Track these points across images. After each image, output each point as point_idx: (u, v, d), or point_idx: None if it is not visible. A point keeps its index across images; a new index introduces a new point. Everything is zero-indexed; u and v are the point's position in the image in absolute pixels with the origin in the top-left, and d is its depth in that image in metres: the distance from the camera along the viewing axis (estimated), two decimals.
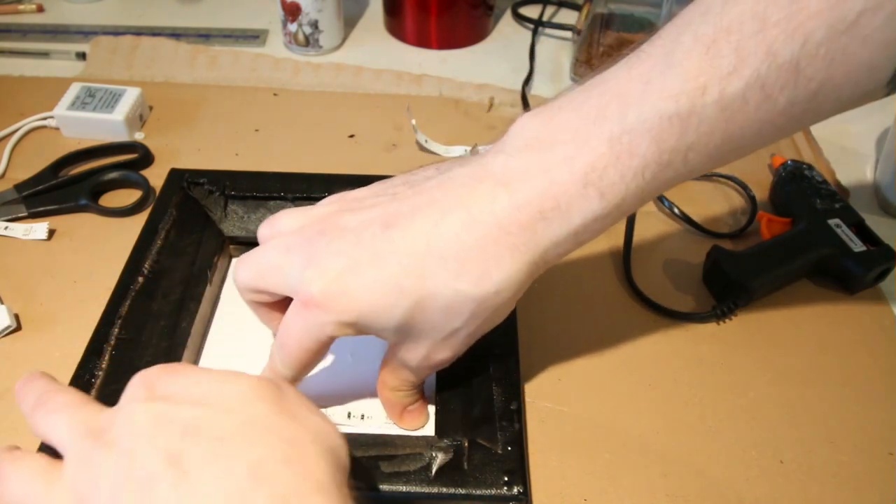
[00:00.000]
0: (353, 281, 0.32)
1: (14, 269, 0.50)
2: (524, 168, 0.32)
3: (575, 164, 0.31)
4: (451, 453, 0.37)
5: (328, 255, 0.33)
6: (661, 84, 0.30)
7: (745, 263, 0.49)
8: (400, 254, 0.32)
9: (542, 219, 0.32)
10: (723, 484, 0.40)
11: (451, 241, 0.32)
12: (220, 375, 0.29)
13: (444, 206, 0.33)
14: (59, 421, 0.30)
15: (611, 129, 0.31)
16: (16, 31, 0.74)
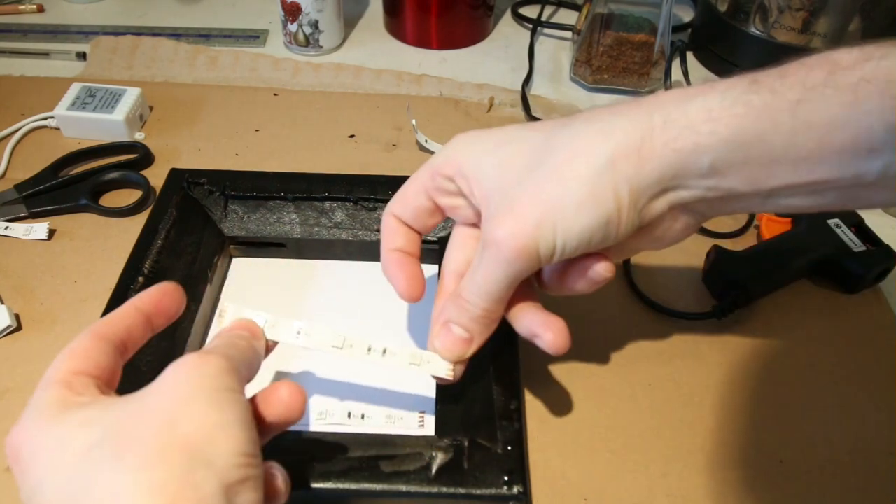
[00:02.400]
0: (486, 134, 0.35)
1: (14, 269, 0.50)
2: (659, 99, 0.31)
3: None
4: (451, 453, 0.37)
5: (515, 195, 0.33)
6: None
7: (745, 263, 0.49)
8: (533, 126, 0.34)
9: (678, 91, 0.31)
10: (723, 484, 0.40)
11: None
12: (66, 426, 0.26)
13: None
14: None
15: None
16: (16, 31, 0.74)
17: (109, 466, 0.24)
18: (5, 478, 0.39)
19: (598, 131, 0.31)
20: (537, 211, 0.31)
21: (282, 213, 0.50)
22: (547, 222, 0.31)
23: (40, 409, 0.27)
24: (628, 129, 0.30)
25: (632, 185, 0.30)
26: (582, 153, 0.30)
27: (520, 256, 0.31)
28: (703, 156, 0.29)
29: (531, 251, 0.31)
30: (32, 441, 0.26)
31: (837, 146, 0.28)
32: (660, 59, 0.67)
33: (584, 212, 0.30)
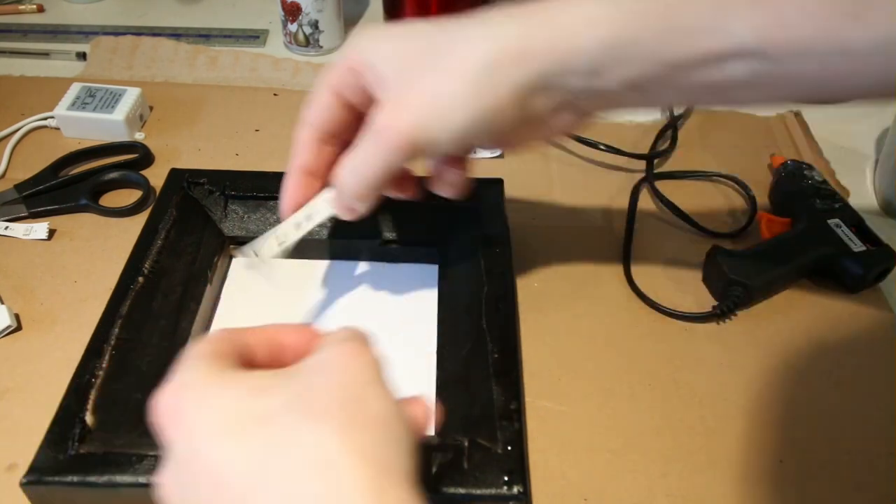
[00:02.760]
0: (387, 29, 0.35)
1: (14, 269, 0.50)
2: None
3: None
4: (451, 453, 0.36)
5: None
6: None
7: (745, 263, 0.49)
8: (432, 21, 0.34)
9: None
10: (723, 484, 0.40)
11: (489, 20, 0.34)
12: (233, 387, 0.26)
13: None
14: None
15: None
16: (16, 31, 0.74)
17: (308, 430, 0.24)
18: (5, 477, 0.39)
19: (486, 34, 0.32)
20: (422, 104, 0.33)
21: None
22: (430, 116, 0.33)
23: (197, 372, 0.27)
24: (514, 33, 0.32)
25: (513, 82, 0.32)
26: (469, 53, 0.32)
27: (399, 146, 0.33)
28: (582, 57, 0.31)
29: (411, 142, 0.33)
30: (199, 400, 0.26)
31: (705, 50, 0.30)
32: None
33: (465, 107, 0.32)
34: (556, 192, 0.57)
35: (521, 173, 0.58)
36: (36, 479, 0.34)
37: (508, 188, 0.51)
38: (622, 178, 0.59)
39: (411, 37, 0.34)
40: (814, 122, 0.65)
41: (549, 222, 0.55)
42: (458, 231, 0.48)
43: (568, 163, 0.61)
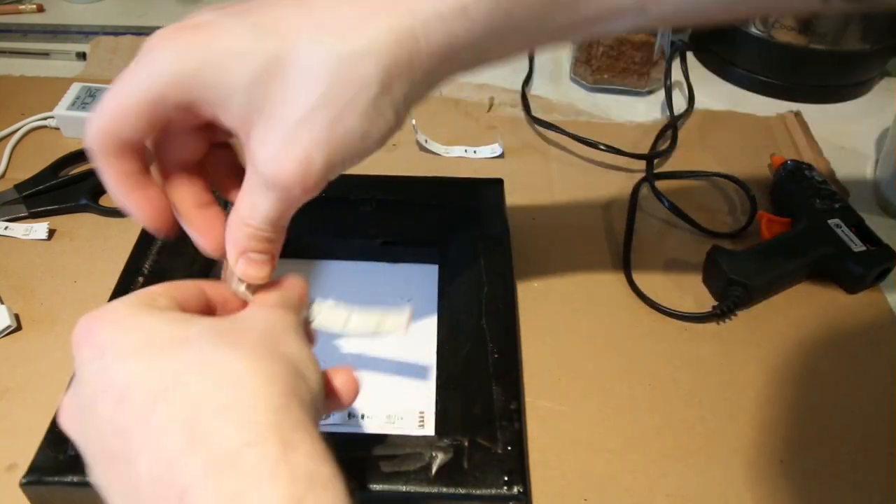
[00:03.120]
0: (210, 25, 0.28)
1: (14, 269, 0.50)
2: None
3: None
4: (451, 453, 0.37)
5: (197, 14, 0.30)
6: None
7: (745, 263, 0.49)
8: (271, 5, 0.28)
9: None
10: (723, 484, 0.40)
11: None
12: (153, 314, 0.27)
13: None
14: None
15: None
16: (16, 31, 0.74)
17: (222, 353, 0.25)
18: (5, 477, 0.39)
19: (365, 50, 0.27)
20: (321, 152, 0.28)
21: None
22: (335, 158, 0.29)
23: (123, 303, 0.27)
24: (395, 49, 0.28)
25: (406, 97, 0.29)
26: (349, 80, 0.27)
27: (308, 194, 0.30)
28: (465, 51, 0.30)
29: (319, 187, 0.29)
30: (117, 324, 0.26)
31: (587, 15, 0.30)
32: (660, 59, 0.67)
33: (368, 139, 0.29)
34: (556, 192, 0.57)
35: (521, 173, 0.58)
36: (36, 479, 0.34)
37: (508, 188, 0.51)
38: (622, 178, 0.59)
39: (252, 49, 0.27)
40: (814, 122, 0.65)
41: (549, 222, 0.55)
42: (458, 231, 0.48)
43: (568, 163, 0.61)
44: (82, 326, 0.27)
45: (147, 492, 0.23)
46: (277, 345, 0.27)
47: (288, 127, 0.28)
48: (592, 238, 0.54)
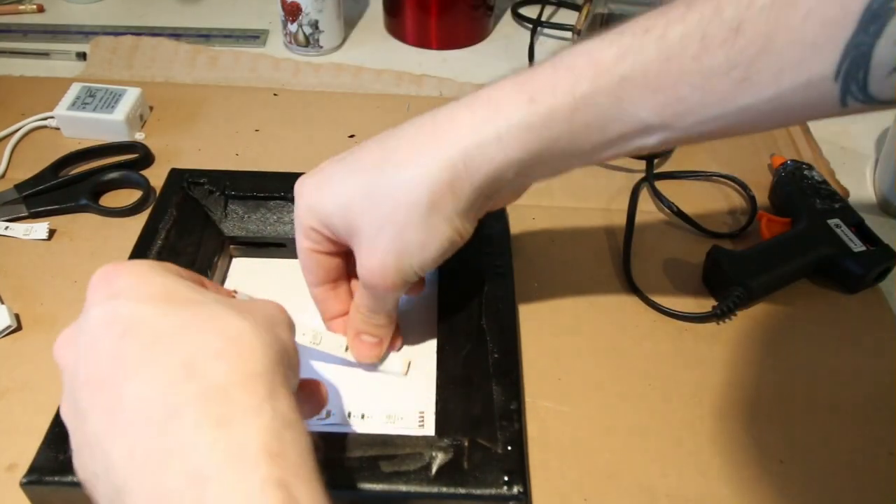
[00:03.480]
0: (323, 174, 0.37)
1: (14, 269, 0.50)
2: (482, 90, 0.35)
3: (518, 76, 0.34)
4: (451, 453, 0.37)
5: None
6: (616, 29, 0.33)
7: (745, 263, 0.49)
8: (359, 152, 0.37)
9: (470, 112, 0.34)
10: (723, 484, 0.40)
11: (396, 137, 0.36)
12: (179, 280, 0.30)
13: (411, 127, 0.36)
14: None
15: (560, 56, 0.34)
16: (16, 31, 0.74)
17: (229, 315, 0.28)
18: (5, 477, 0.39)
19: (414, 177, 0.34)
20: (392, 258, 0.36)
21: (282, 213, 0.50)
22: (404, 264, 0.36)
23: (146, 261, 0.31)
24: (438, 175, 0.34)
25: (458, 212, 0.35)
26: (405, 203, 0.35)
27: (391, 292, 0.38)
28: (507, 171, 0.34)
29: (399, 286, 0.38)
30: (137, 275, 0.29)
31: (615, 135, 0.33)
32: None
33: (429, 248, 0.36)
34: (556, 192, 0.57)
35: None
36: (36, 479, 0.34)
37: None
38: (622, 178, 0.59)
39: (347, 185, 0.36)
40: (814, 122, 0.65)
41: (549, 222, 0.55)
42: None
43: None
44: (103, 271, 0.30)
45: (132, 410, 0.25)
46: (277, 329, 0.30)
47: (368, 242, 0.36)
48: (592, 238, 0.54)
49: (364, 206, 0.36)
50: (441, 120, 0.35)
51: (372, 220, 0.36)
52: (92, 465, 0.26)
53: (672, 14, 0.31)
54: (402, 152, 0.35)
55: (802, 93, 0.29)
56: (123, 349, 0.27)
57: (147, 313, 0.28)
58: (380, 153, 0.36)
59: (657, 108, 0.32)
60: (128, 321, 0.28)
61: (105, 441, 0.26)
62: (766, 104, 0.30)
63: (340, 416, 0.41)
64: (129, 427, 0.25)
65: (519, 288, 0.46)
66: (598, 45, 0.33)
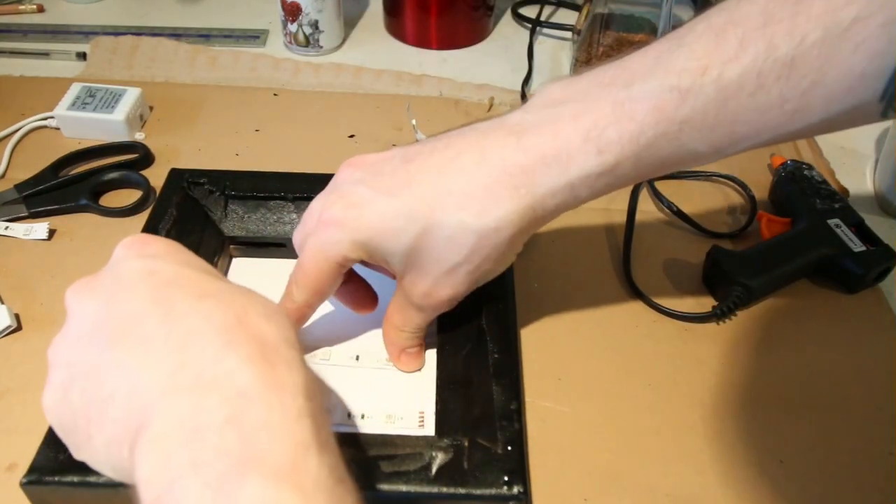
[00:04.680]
0: (370, 205, 0.36)
1: (14, 269, 0.50)
2: (537, 121, 0.36)
3: (580, 120, 0.34)
4: (451, 453, 0.37)
5: (350, 184, 0.37)
6: (669, 61, 0.33)
7: (745, 263, 0.49)
8: (413, 184, 0.36)
9: (543, 165, 0.35)
10: (723, 484, 0.40)
11: (460, 176, 0.35)
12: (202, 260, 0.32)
13: (459, 147, 0.36)
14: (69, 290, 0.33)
15: (616, 94, 0.34)
16: (16, 31, 0.74)
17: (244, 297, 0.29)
18: (5, 477, 0.39)
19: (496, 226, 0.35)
20: (463, 289, 0.38)
21: (282, 213, 0.50)
22: (470, 289, 0.38)
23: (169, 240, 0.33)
24: (519, 223, 0.36)
25: (524, 242, 0.38)
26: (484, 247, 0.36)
27: (439, 311, 0.40)
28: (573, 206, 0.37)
29: (450, 306, 0.40)
30: (175, 246, 0.32)
31: (671, 165, 0.36)
32: None
33: (496, 272, 0.38)
34: None
35: None
36: (36, 479, 0.34)
37: None
38: None
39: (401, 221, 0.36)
40: None
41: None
42: None
43: None
44: (132, 238, 0.32)
45: (177, 340, 0.27)
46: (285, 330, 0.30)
47: (439, 275, 0.37)
48: (592, 238, 0.54)
49: (434, 245, 0.36)
50: (514, 170, 0.35)
51: (442, 259, 0.36)
52: (101, 391, 0.27)
53: (726, 51, 0.32)
54: (474, 197, 0.35)
55: (849, 115, 0.32)
56: (171, 294, 0.28)
57: (189, 274, 0.30)
58: (444, 189, 0.36)
59: (714, 142, 0.34)
60: (170, 276, 0.29)
61: (132, 366, 0.27)
62: (813, 128, 0.33)
63: (340, 416, 0.41)
64: (172, 354, 0.27)
65: (519, 288, 0.46)
66: (657, 87, 0.33)
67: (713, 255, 0.50)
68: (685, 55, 0.33)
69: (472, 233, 0.35)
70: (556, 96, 0.36)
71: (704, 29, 0.33)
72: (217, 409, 0.25)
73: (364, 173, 0.38)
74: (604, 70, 0.36)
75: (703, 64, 0.32)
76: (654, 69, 0.33)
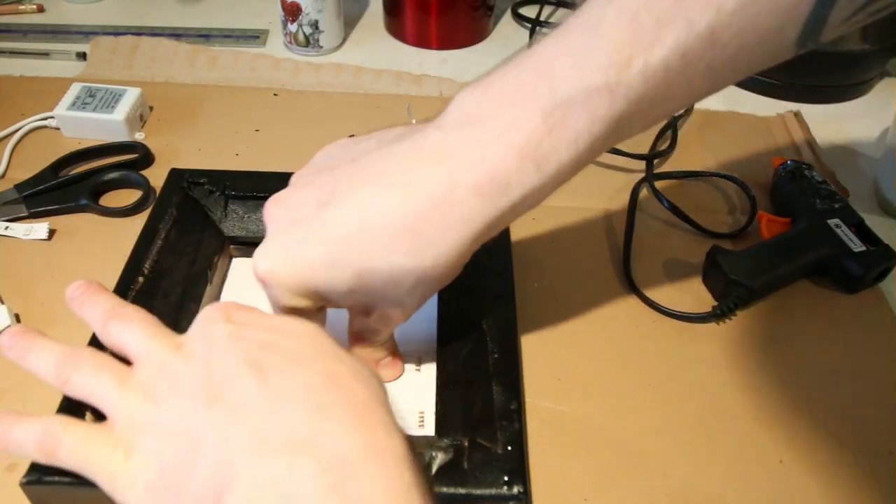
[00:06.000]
0: (296, 256, 0.34)
1: (14, 269, 0.50)
2: (460, 145, 0.32)
3: (509, 138, 0.32)
4: (451, 453, 0.36)
5: (273, 235, 0.36)
6: (588, 57, 0.31)
7: (745, 263, 0.49)
8: (336, 229, 0.34)
9: (479, 195, 0.32)
10: (723, 484, 0.40)
11: (385, 217, 0.33)
12: (286, 318, 0.32)
13: (379, 181, 0.33)
14: (137, 332, 0.33)
15: (543, 104, 0.31)
16: (16, 31, 0.74)
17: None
18: (5, 477, 0.39)
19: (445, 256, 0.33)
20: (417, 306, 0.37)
21: None
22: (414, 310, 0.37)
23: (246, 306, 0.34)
24: (470, 245, 0.33)
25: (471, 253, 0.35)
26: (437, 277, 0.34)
27: (396, 326, 0.39)
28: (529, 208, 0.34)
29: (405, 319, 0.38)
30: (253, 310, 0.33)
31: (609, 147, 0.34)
32: None
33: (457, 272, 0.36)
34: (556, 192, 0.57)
35: None
36: (36, 479, 0.34)
37: None
38: (622, 178, 0.59)
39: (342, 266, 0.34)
40: (814, 122, 0.65)
41: (549, 222, 0.55)
42: None
43: None
44: (223, 303, 0.33)
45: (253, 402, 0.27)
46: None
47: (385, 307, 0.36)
48: (592, 238, 0.54)
49: (373, 285, 0.34)
50: (446, 208, 0.32)
51: (387, 294, 0.35)
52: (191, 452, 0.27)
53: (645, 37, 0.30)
54: (405, 239, 0.33)
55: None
56: (264, 358, 0.29)
57: (278, 339, 0.30)
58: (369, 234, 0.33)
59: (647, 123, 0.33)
60: (262, 340, 0.30)
61: (221, 426, 0.27)
62: (736, 77, 0.33)
63: None
64: (261, 414, 0.27)
65: (519, 288, 0.46)
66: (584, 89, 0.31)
67: (713, 255, 0.50)
68: (604, 47, 0.31)
69: (409, 273, 0.33)
70: (475, 110, 0.33)
71: (616, 15, 0.31)
72: (315, 475, 0.25)
73: (282, 217, 0.36)
74: (517, 72, 0.33)
75: (625, 55, 0.30)
76: (575, 67, 0.31)
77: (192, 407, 0.28)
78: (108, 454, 0.30)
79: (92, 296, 0.36)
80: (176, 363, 0.31)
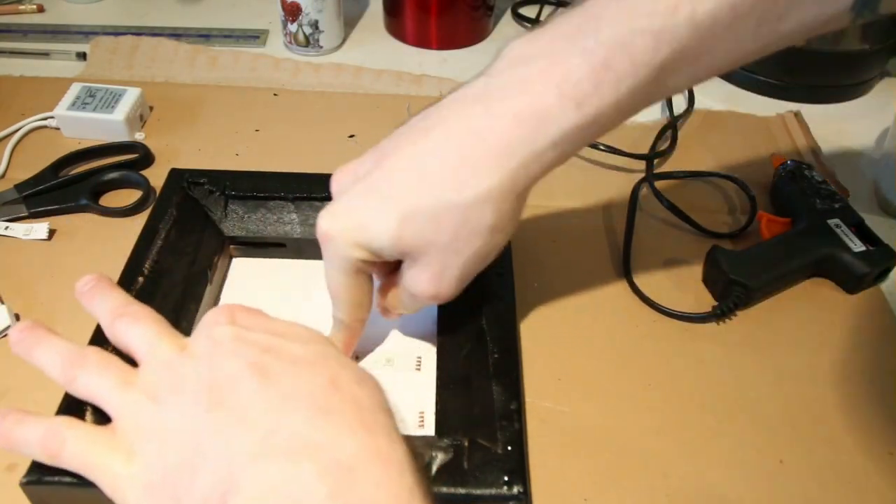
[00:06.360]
0: (353, 208, 0.36)
1: (14, 269, 0.50)
2: (503, 84, 0.33)
3: (550, 76, 0.32)
4: (451, 453, 0.36)
5: (337, 195, 0.38)
6: (636, 3, 0.31)
7: (745, 263, 0.49)
8: (389, 176, 0.35)
9: (518, 126, 0.33)
10: (723, 484, 0.40)
11: (432, 155, 0.34)
12: (289, 322, 0.33)
13: (426, 127, 0.35)
14: (145, 331, 0.33)
15: (585, 44, 0.32)
16: (16, 31, 0.74)
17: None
18: (5, 477, 0.39)
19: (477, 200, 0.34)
20: (457, 277, 0.36)
21: (282, 213, 0.50)
22: (463, 276, 0.36)
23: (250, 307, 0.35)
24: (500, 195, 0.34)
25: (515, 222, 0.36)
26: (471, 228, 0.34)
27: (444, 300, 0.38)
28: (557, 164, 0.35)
29: (452, 295, 0.38)
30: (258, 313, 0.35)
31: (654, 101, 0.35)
32: None
33: (490, 258, 0.37)
34: (556, 192, 0.57)
35: None
36: (36, 479, 0.34)
37: None
38: (622, 178, 0.59)
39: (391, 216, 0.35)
40: (814, 122, 0.65)
41: (549, 222, 0.55)
42: None
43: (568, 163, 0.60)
44: (226, 306, 0.33)
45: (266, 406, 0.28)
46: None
47: (430, 265, 0.35)
48: (592, 238, 0.54)
49: (422, 233, 0.34)
50: (487, 135, 0.33)
51: (432, 245, 0.35)
52: (194, 454, 0.27)
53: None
54: (448, 172, 0.34)
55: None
56: (267, 361, 0.29)
57: (282, 343, 0.31)
58: (417, 173, 0.34)
59: (693, 77, 0.33)
60: (266, 343, 0.30)
61: (224, 428, 0.27)
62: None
63: None
64: (264, 417, 0.27)
65: (519, 288, 0.46)
66: (628, 31, 0.31)
67: (713, 255, 0.50)
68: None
69: (454, 208, 0.33)
70: (519, 54, 0.34)
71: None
72: (317, 479, 0.25)
73: (346, 180, 0.37)
74: (566, 20, 0.33)
75: (672, 3, 0.30)
76: (621, 11, 0.31)
77: (195, 410, 0.28)
78: (110, 456, 0.30)
79: (102, 291, 0.36)
80: (180, 365, 0.31)
